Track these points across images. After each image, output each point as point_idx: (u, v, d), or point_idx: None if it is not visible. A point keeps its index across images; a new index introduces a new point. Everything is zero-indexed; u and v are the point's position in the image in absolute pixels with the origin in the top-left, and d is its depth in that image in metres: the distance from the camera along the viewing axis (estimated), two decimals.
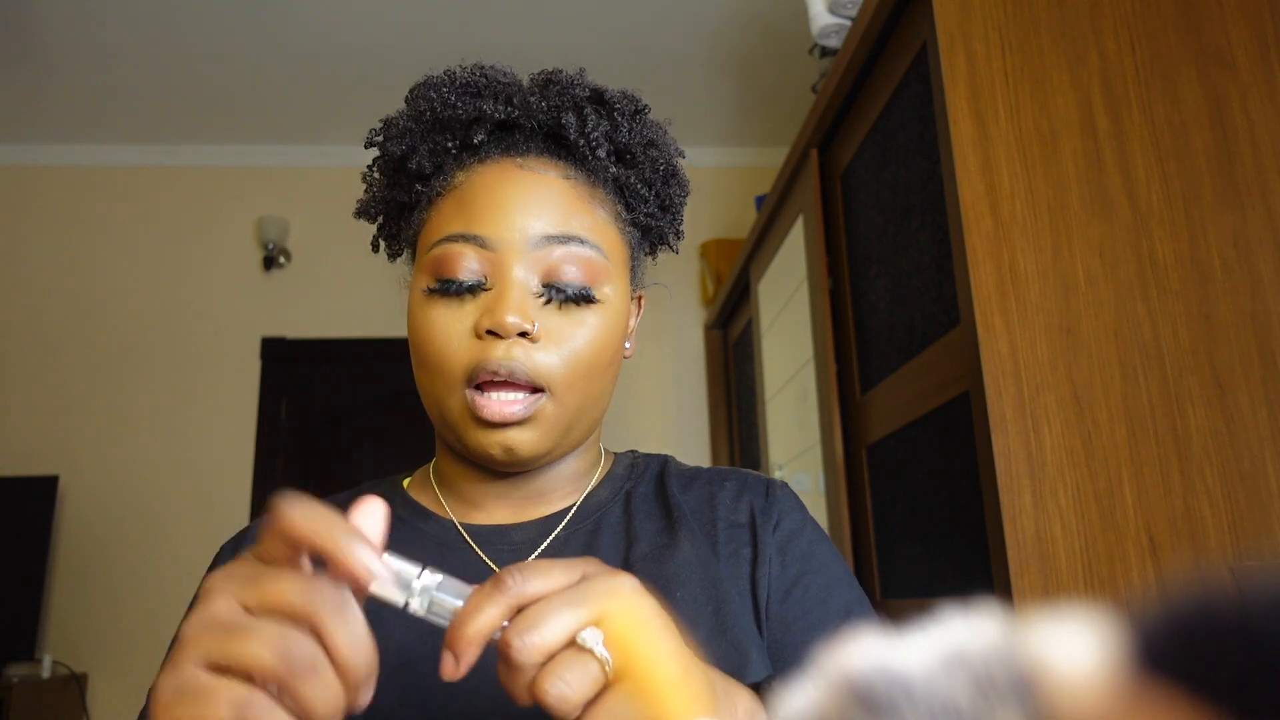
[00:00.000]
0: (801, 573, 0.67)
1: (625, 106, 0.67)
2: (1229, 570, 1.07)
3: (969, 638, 0.16)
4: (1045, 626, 0.16)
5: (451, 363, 0.61)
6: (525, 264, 0.62)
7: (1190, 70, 1.24)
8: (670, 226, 0.73)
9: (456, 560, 0.65)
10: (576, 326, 0.63)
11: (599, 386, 0.65)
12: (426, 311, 0.63)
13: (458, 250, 0.62)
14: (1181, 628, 0.14)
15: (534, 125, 0.66)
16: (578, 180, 0.66)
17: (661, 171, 0.69)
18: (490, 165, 0.65)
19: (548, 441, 0.63)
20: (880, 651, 0.17)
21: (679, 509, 0.69)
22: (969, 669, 0.16)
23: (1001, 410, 1.10)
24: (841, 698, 0.16)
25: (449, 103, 0.65)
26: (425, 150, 0.66)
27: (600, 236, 0.65)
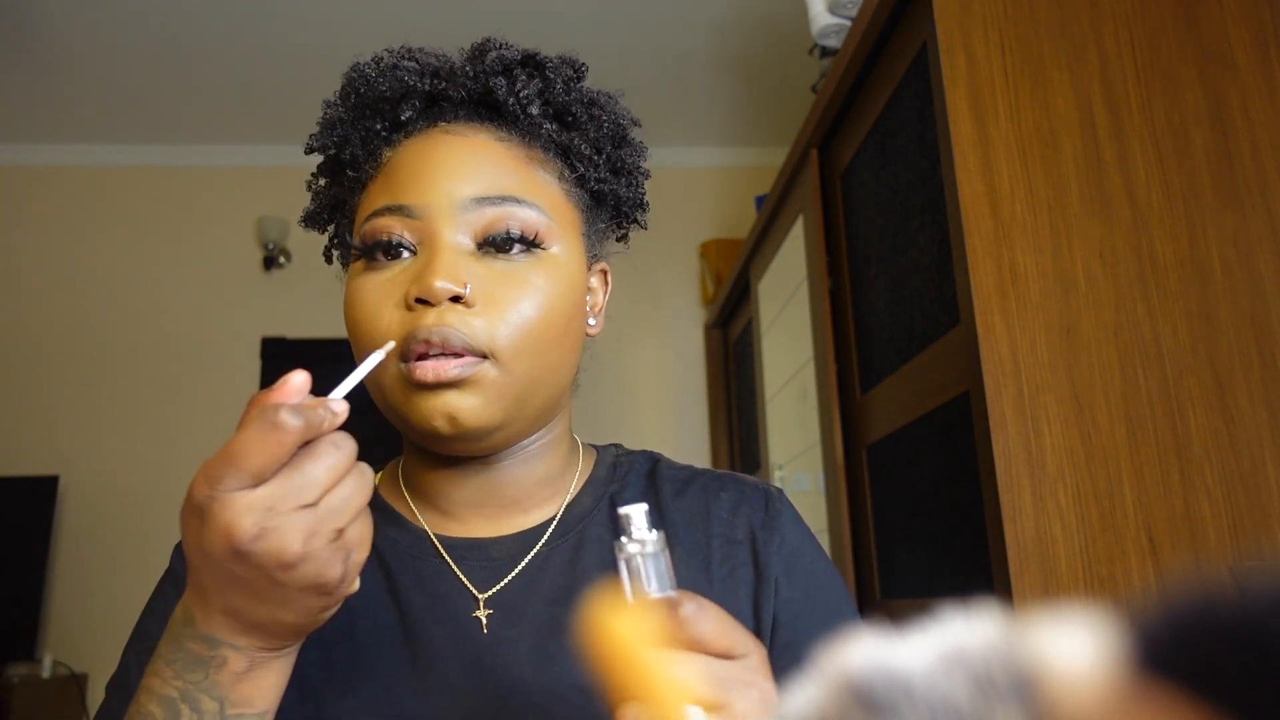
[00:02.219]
0: (808, 594, 0.63)
1: (561, 68, 0.63)
2: (1229, 570, 1.07)
3: (969, 638, 0.16)
4: (1045, 626, 0.16)
5: (381, 337, 0.57)
6: (456, 228, 0.57)
7: (1190, 70, 1.24)
8: (629, 193, 0.68)
9: (430, 573, 0.61)
10: (519, 287, 0.57)
11: (553, 357, 0.59)
12: (355, 288, 0.60)
13: (384, 223, 0.58)
14: (1181, 628, 0.14)
15: (463, 94, 0.62)
16: (512, 141, 0.61)
17: (608, 132, 0.65)
18: (417, 137, 0.61)
19: (497, 411, 0.57)
20: (880, 651, 0.17)
21: (670, 520, 0.65)
22: (969, 669, 0.16)
23: (1001, 410, 1.10)
24: (841, 698, 0.16)
25: (372, 82, 0.62)
26: (357, 138, 0.63)
27: (541, 197, 0.60)
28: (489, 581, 0.61)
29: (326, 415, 0.45)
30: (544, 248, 0.59)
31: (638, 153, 0.68)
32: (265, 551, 0.42)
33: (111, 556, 3.10)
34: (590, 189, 0.65)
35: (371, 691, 0.56)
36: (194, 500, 0.43)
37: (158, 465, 3.21)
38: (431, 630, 0.59)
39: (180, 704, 0.46)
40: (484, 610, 0.60)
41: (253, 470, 0.42)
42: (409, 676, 0.57)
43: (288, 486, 0.43)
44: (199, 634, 0.47)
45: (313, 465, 0.44)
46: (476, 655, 0.58)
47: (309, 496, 0.43)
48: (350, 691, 0.56)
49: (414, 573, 0.61)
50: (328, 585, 0.44)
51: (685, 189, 3.48)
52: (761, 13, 2.82)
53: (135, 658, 0.61)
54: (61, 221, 3.42)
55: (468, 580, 0.61)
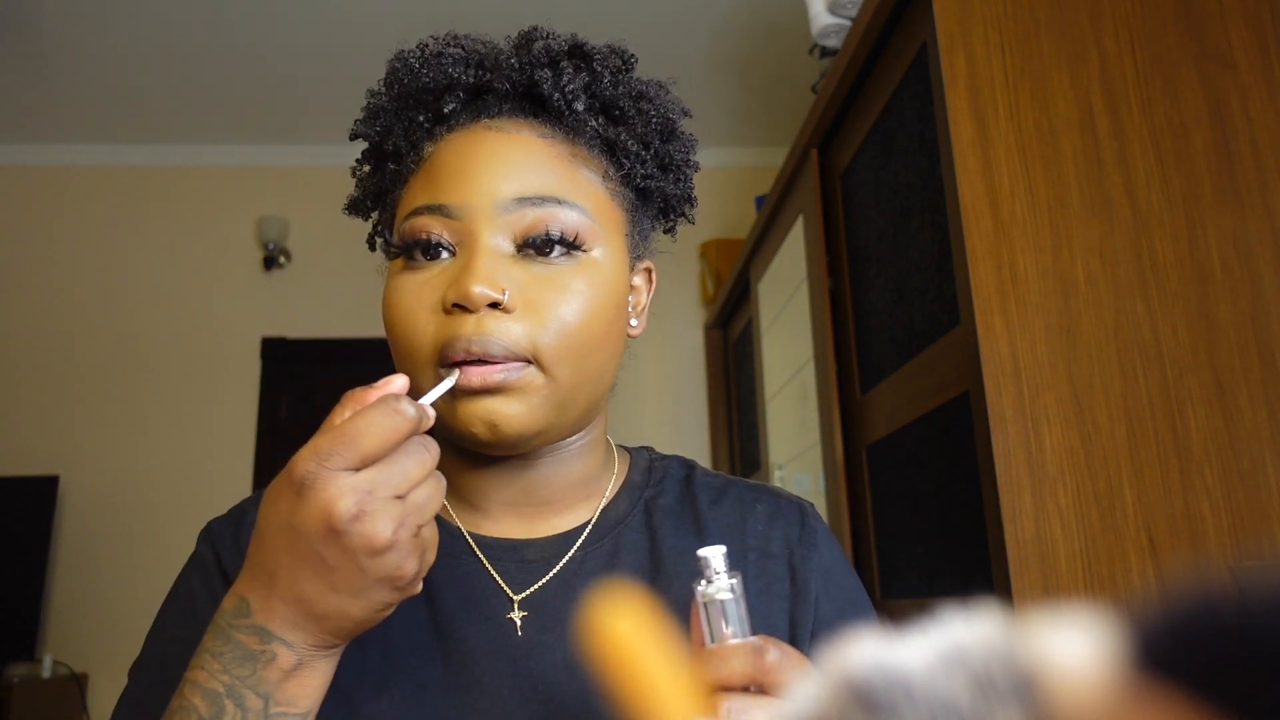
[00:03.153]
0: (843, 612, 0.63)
1: (610, 60, 0.61)
2: (1229, 570, 1.07)
3: (969, 638, 0.16)
4: (1045, 626, 0.16)
5: (419, 341, 0.55)
6: (495, 229, 0.56)
7: (1190, 70, 1.24)
8: (676, 189, 0.66)
9: (464, 572, 0.60)
10: (559, 291, 0.56)
11: (596, 361, 0.58)
12: (394, 288, 0.58)
13: (423, 223, 0.57)
14: (1181, 628, 0.14)
15: (507, 87, 0.60)
16: (555, 138, 0.59)
17: (657, 126, 0.62)
18: (459, 132, 0.60)
19: (540, 418, 0.56)
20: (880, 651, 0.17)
21: (705, 529, 0.64)
22: (969, 669, 0.16)
23: (1001, 410, 1.10)
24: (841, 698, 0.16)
25: (416, 73, 0.60)
26: (400, 129, 0.62)
27: (584, 197, 0.58)
28: (523, 583, 0.60)
29: (424, 417, 0.47)
30: (585, 250, 0.57)
31: (687, 147, 0.66)
32: (360, 534, 0.44)
33: (111, 556, 3.10)
34: (636, 185, 0.63)
35: (403, 691, 0.56)
36: (295, 474, 0.45)
37: (158, 465, 3.21)
38: (465, 630, 0.58)
39: (225, 699, 0.46)
40: (518, 612, 0.59)
41: (364, 452, 0.44)
42: (441, 676, 0.57)
43: (387, 474, 0.45)
44: (253, 625, 0.46)
45: (407, 459, 0.46)
46: (511, 657, 0.57)
47: (402, 488, 0.45)
48: (383, 691, 0.56)
49: (448, 570, 0.61)
50: (403, 579, 0.46)
51: None
52: (761, 13, 2.82)
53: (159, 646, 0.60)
54: (62, 221, 3.42)
55: (502, 581, 0.60)
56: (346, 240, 3.46)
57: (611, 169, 0.62)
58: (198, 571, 0.63)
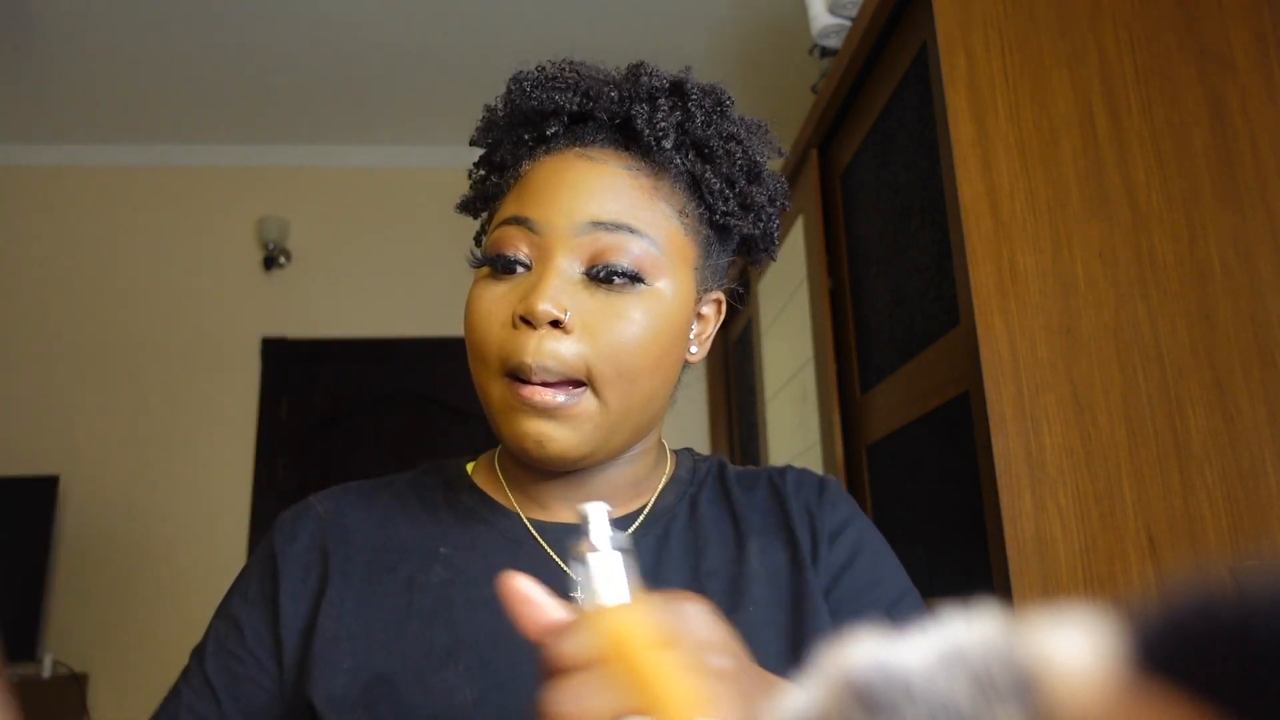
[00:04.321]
0: (852, 558, 0.66)
1: (704, 98, 0.65)
2: (1229, 570, 1.07)
3: (969, 638, 0.16)
4: (1045, 626, 0.16)
5: (488, 349, 0.60)
6: (569, 249, 0.60)
7: (1190, 70, 1.24)
8: (756, 229, 0.68)
9: (526, 557, 0.64)
10: (617, 318, 0.59)
11: (646, 387, 0.61)
12: (476, 294, 0.62)
13: (509, 234, 0.61)
14: (1181, 628, 0.14)
15: (605, 117, 0.64)
16: (641, 172, 0.63)
17: (742, 167, 0.66)
18: (555, 155, 0.64)
19: (587, 443, 0.60)
20: (880, 651, 0.17)
21: (744, 515, 0.68)
22: (969, 669, 0.16)
23: (1001, 410, 1.10)
24: (841, 698, 0.16)
25: (527, 95, 0.65)
26: (508, 144, 0.67)
27: (657, 229, 0.62)
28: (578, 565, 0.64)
29: None
30: (647, 282, 0.61)
31: (772, 189, 0.69)
32: None
33: (111, 556, 3.10)
34: (716, 222, 0.67)
35: (469, 662, 0.58)
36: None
37: (158, 465, 3.21)
38: None
39: None
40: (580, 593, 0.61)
41: None
42: (504, 649, 0.59)
43: None
44: None
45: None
46: None
47: None
48: (449, 663, 0.59)
49: (510, 553, 0.64)
50: None
51: None
52: (761, 13, 2.82)
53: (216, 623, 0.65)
54: (61, 221, 3.42)
55: (561, 561, 0.64)
56: (347, 240, 3.46)
57: (691, 205, 0.65)
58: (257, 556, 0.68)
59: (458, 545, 0.65)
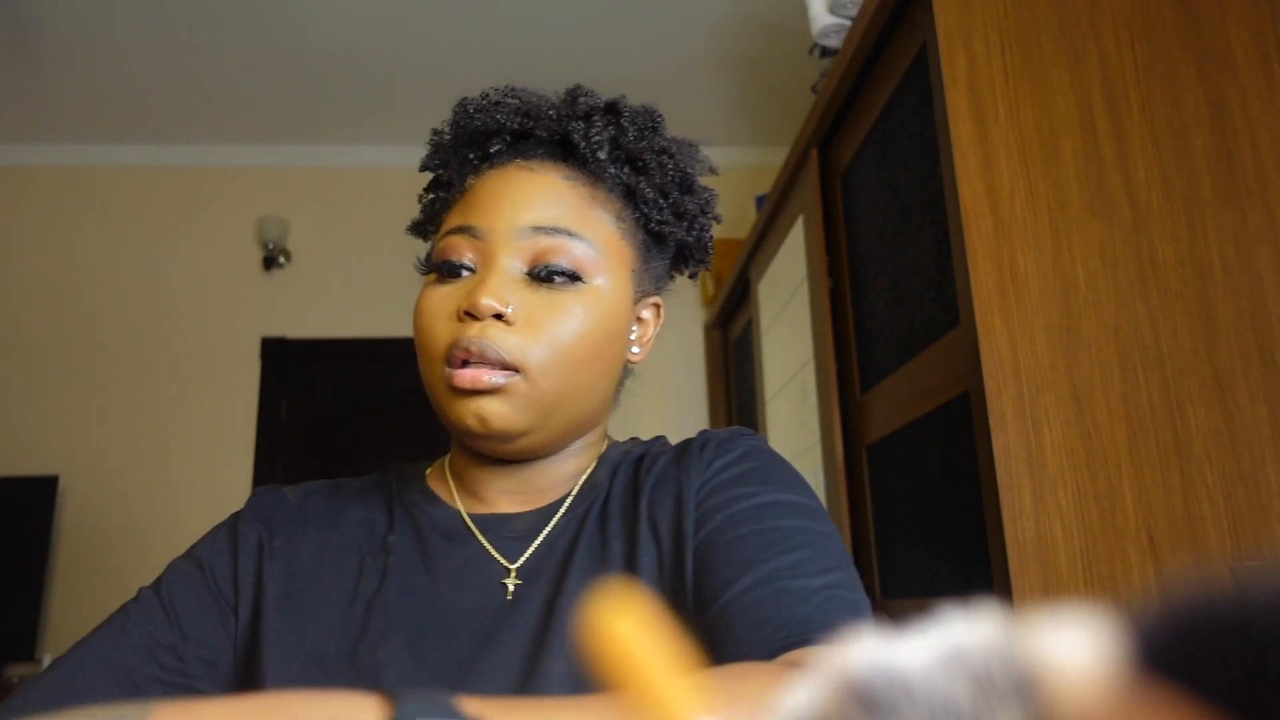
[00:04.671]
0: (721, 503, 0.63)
1: (638, 118, 0.70)
2: (1229, 570, 1.07)
3: (969, 638, 0.16)
4: (1045, 626, 0.16)
5: (434, 341, 0.64)
6: (511, 252, 0.64)
7: (1190, 70, 1.24)
8: (689, 236, 0.73)
9: (461, 546, 0.67)
10: (556, 313, 0.64)
11: (584, 378, 0.65)
12: (423, 298, 0.67)
13: (454, 242, 0.66)
14: (1181, 628, 0.14)
15: (545, 134, 0.68)
16: (578, 180, 0.68)
17: (675, 179, 0.71)
18: (499, 168, 0.69)
19: (523, 418, 0.63)
20: (880, 651, 0.17)
21: (643, 499, 0.67)
22: (969, 669, 0.16)
23: (1001, 410, 1.10)
24: (841, 698, 0.16)
25: (471, 116, 0.70)
26: (455, 164, 0.71)
27: (594, 233, 0.66)
28: (517, 553, 0.67)
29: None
30: (586, 281, 0.65)
31: (704, 200, 0.74)
32: None
33: (111, 556, 3.10)
34: (651, 230, 0.71)
35: (398, 643, 0.62)
36: None
37: (158, 465, 3.21)
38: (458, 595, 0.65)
39: None
40: (514, 579, 0.66)
41: None
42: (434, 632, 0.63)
43: None
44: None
45: None
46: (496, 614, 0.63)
47: None
48: (380, 644, 0.62)
49: (446, 546, 0.68)
50: None
51: None
52: (761, 13, 2.82)
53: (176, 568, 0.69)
54: (61, 221, 3.42)
55: (494, 549, 0.67)
56: (346, 240, 3.45)
57: (627, 211, 0.70)
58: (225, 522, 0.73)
59: (401, 535, 0.69)
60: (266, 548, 0.68)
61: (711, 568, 0.60)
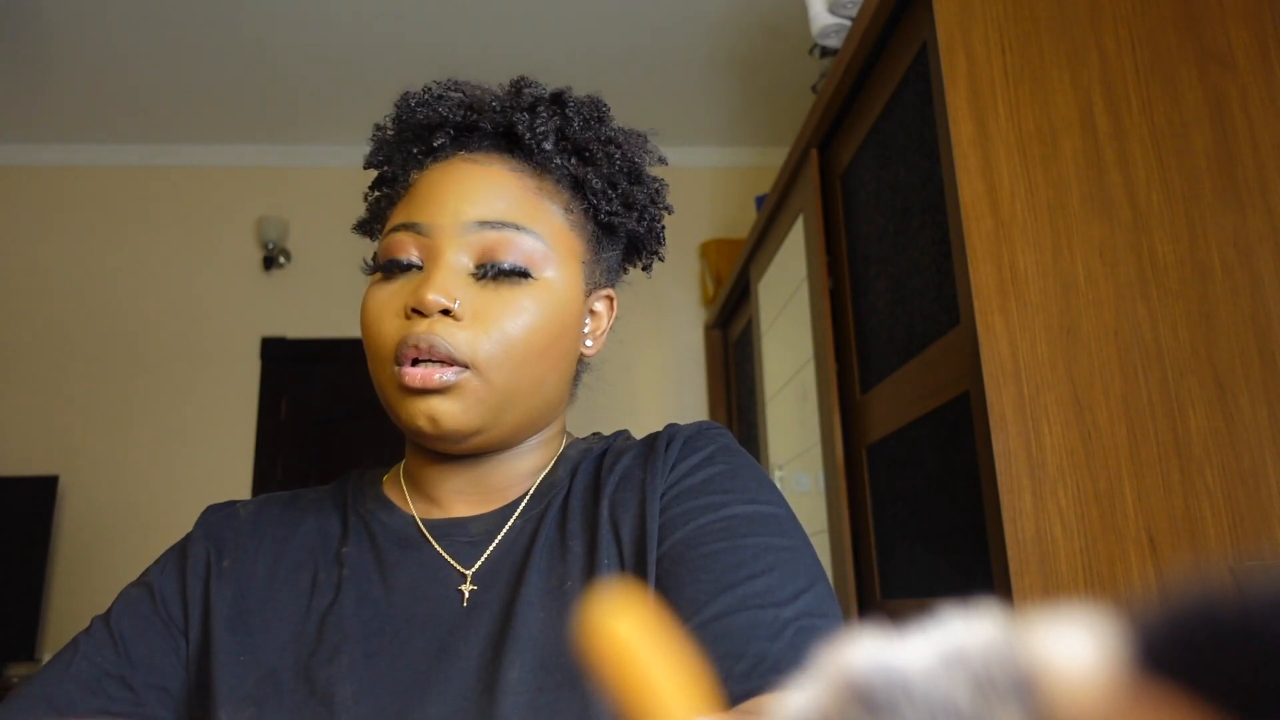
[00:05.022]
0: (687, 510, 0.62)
1: (584, 108, 0.68)
2: (1229, 570, 1.07)
3: (969, 638, 0.16)
4: (1045, 626, 0.16)
5: (382, 340, 0.62)
6: (458, 247, 0.62)
7: (1190, 70, 1.24)
8: (640, 227, 0.72)
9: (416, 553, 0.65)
10: (505, 306, 0.62)
11: (534, 371, 0.63)
12: (369, 296, 0.65)
13: (399, 240, 0.64)
14: (1181, 628, 0.14)
15: (489, 126, 0.67)
16: (525, 173, 0.66)
17: (623, 169, 0.69)
18: (443, 162, 0.67)
19: (474, 417, 0.61)
20: (880, 651, 0.17)
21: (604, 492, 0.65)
22: (969, 669, 0.16)
23: (1001, 410, 1.10)
24: (841, 698, 0.16)
25: (413, 110, 0.68)
26: (399, 159, 0.70)
27: (542, 226, 0.65)
28: (472, 558, 0.65)
29: None
30: (534, 275, 0.63)
31: (653, 190, 0.72)
32: None
33: (111, 556, 3.10)
34: (601, 221, 0.70)
35: (353, 657, 0.60)
36: None
37: (158, 465, 3.21)
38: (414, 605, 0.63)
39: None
40: (469, 585, 0.64)
41: None
42: (389, 644, 0.61)
43: None
44: None
45: None
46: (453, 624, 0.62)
47: None
48: (334, 659, 0.60)
49: (400, 554, 0.66)
50: None
51: (685, 189, 3.48)
52: (761, 13, 2.82)
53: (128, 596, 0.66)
54: (62, 222, 3.42)
55: (451, 558, 0.65)
56: (346, 240, 3.44)
57: (575, 203, 0.68)
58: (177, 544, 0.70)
59: (356, 545, 0.67)
60: (214, 568, 0.66)
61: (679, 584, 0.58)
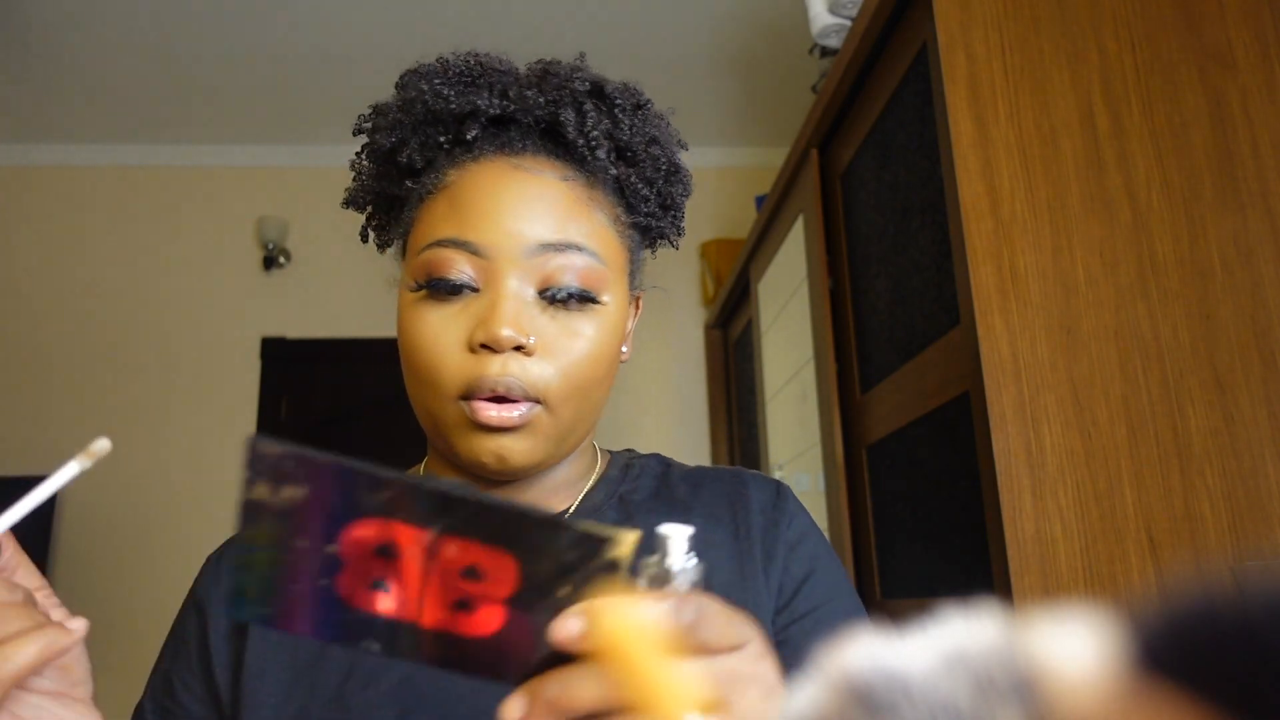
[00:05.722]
0: (811, 570, 0.65)
1: (626, 101, 0.64)
2: (1229, 570, 1.07)
3: (969, 638, 0.16)
4: (1045, 626, 0.16)
5: (445, 375, 0.59)
6: (520, 272, 0.59)
7: (1190, 70, 1.24)
8: (671, 225, 0.70)
9: None
10: (573, 337, 0.60)
11: (596, 396, 0.63)
12: (416, 317, 0.61)
13: (448, 256, 0.59)
14: (1181, 628, 0.14)
15: (530, 121, 0.62)
16: (576, 182, 0.62)
17: (664, 170, 0.66)
18: (485, 164, 0.62)
19: (541, 452, 0.60)
20: (880, 651, 0.17)
21: (689, 509, 0.66)
22: (969, 669, 0.16)
23: (1001, 410, 1.10)
24: (841, 698, 0.16)
25: (441, 95, 0.61)
26: (416, 144, 0.63)
27: (599, 242, 0.62)
28: None
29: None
30: (597, 299, 0.61)
31: (685, 187, 0.69)
32: None
33: (111, 557, 3.10)
34: (639, 224, 0.67)
35: (390, 682, 0.58)
36: None
37: (158, 465, 3.21)
38: None
39: None
40: None
41: None
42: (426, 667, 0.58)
43: None
44: None
45: None
46: None
47: None
48: (371, 683, 0.58)
49: None
50: None
51: None
52: (761, 13, 2.82)
53: (153, 678, 0.65)
54: (61, 221, 3.42)
55: None
56: (346, 240, 3.44)
57: (622, 211, 0.65)
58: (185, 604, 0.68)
59: None
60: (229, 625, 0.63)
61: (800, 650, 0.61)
